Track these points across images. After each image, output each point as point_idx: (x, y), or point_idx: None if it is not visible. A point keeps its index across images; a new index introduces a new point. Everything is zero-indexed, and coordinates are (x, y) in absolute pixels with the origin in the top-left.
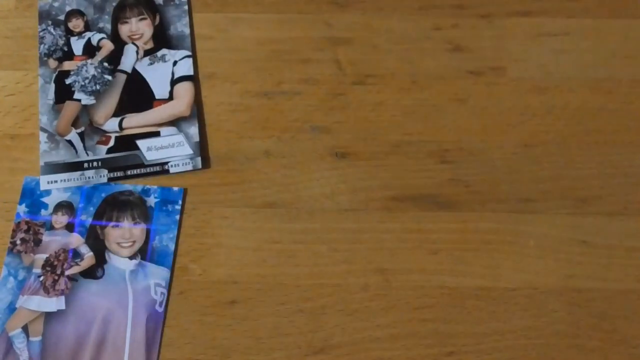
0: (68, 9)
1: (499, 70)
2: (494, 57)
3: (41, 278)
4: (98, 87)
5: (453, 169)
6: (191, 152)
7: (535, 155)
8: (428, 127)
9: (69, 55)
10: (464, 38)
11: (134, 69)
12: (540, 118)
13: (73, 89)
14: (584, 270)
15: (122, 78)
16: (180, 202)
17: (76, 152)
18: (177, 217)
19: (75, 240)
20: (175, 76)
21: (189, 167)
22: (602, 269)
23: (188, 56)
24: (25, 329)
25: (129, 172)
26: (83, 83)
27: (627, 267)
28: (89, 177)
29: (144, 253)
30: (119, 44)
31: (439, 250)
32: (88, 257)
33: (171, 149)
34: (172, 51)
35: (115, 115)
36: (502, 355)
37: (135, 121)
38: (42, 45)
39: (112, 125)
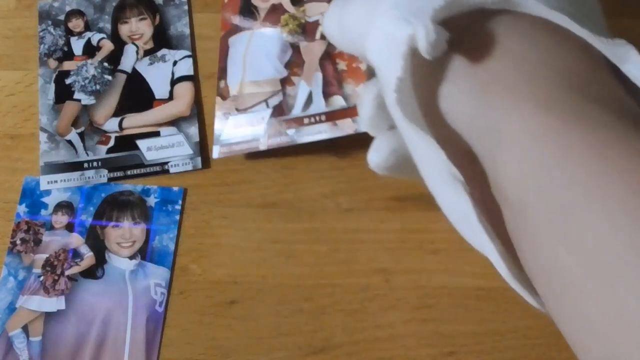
0: (68, 9)
1: None
2: None
3: (41, 278)
4: (98, 87)
5: None
6: (191, 152)
7: None
8: None
9: (69, 55)
10: None
11: (134, 69)
12: None
13: (73, 89)
14: None
15: (122, 78)
16: (180, 202)
17: (76, 152)
18: (177, 217)
19: (75, 240)
20: (175, 76)
21: (189, 167)
22: None
23: (188, 56)
24: (25, 329)
25: (129, 172)
26: (83, 83)
27: None
28: (89, 177)
29: (144, 253)
30: (119, 44)
31: (439, 250)
32: (88, 257)
33: (171, 149)
34: (172, 51)
35: (115, 115)
36: (502, 355)
37: (135, 121)
38: (42, 45)
39: (112, 125)
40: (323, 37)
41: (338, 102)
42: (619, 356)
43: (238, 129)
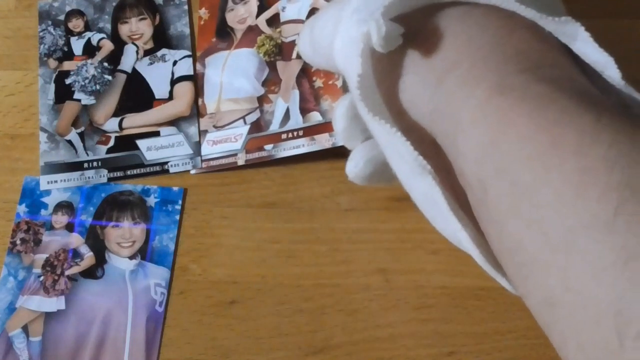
0: (68, 9)
1: None
2: None
3: (41, 278)
4: (98, 87)
5: None
6: (191, 152)
7: None
8: None
9: (69, 55)
10: None
11: (134, 69)
12: None
13: (73, 89)
14: None
15: (122, 78)
16: (180, 202)
17: (76, 152)
18: (177, 217)
19: (75, 240)
20: (175, 76)
21: (189, 167)
22: None
23: (188, 56)
24: (25, 329)
25: (129, 172)
26: (83, 83)
27: None
28: (89, 177)
29: (144, 253)
30: (119, 44)
31: (439, 250)
32: (88, 257)
33: (171, 148)
34: (172, 51)
35: (115, 115)
36: (502, 355)
37: (135, 121)
38: (42, 45)
39: (112, 125)
40: (299, 56)
41: (315, 117)
42: (580, 330)
43: (216, 145)
